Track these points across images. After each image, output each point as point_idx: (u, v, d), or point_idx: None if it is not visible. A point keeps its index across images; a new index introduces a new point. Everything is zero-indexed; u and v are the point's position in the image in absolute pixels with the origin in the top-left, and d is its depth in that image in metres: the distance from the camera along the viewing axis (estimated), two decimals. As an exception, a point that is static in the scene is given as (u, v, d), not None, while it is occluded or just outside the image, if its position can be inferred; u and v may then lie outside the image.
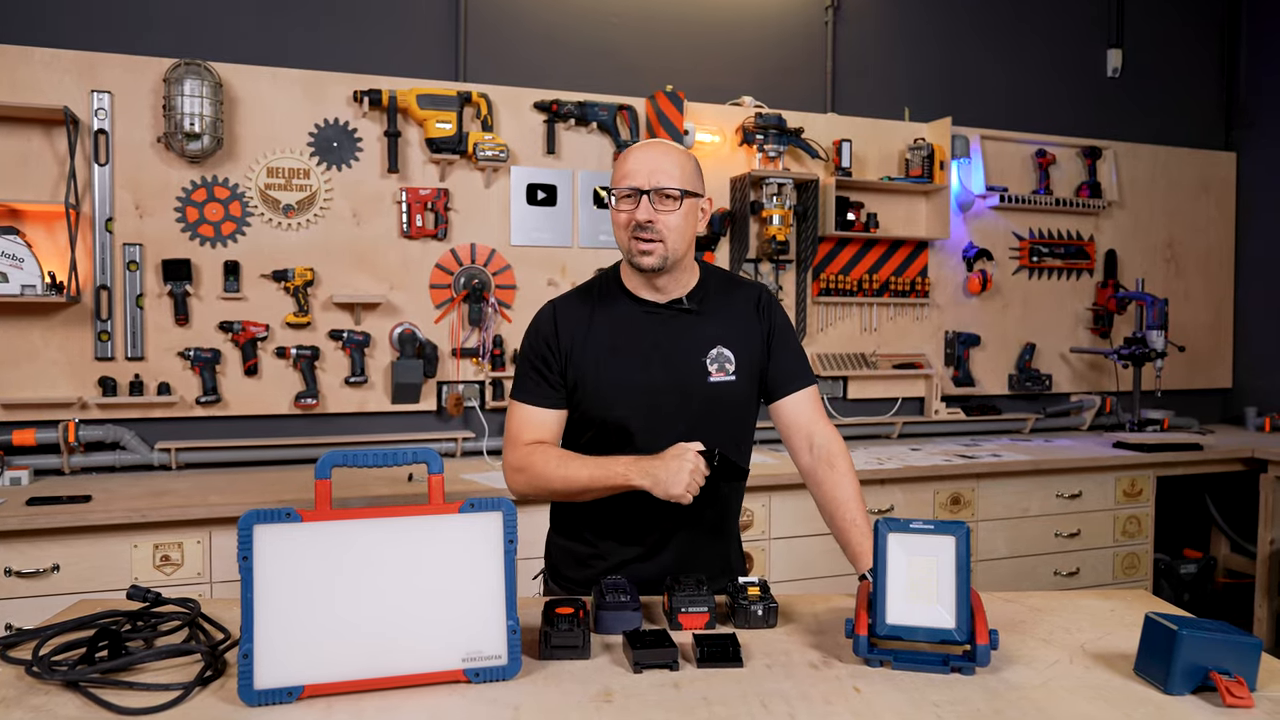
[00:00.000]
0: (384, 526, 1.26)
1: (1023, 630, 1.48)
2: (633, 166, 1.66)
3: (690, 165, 1.70)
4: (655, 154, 1.68)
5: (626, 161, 1.68)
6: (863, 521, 1.65)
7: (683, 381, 1.70)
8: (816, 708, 1.18)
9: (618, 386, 1.69)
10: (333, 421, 3.41)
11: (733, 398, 1.73)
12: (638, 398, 1.69)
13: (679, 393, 1.70)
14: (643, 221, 1.64)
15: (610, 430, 1.71)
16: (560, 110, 3.58)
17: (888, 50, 4.28)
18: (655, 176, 1.64)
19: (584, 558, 1.78)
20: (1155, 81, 4.77)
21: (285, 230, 3.31)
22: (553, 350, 1.72)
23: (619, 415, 1.69)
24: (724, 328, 1.74)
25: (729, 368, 1.72)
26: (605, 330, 1.72)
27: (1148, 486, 3.83)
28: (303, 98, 3.31)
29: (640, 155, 1.68)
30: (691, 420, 1.69)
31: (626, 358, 1.70)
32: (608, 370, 1.70)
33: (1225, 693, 1.19)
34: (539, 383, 1.73)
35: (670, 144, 1.73)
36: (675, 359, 1.71)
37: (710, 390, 1.71)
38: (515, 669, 1.27)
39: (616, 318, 1.73)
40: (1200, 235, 4.82)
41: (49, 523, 2.53)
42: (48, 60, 3.04)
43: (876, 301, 4.15)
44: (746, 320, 1.76)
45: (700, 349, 1.72)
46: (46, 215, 3.05)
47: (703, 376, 1.71)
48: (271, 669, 1.19)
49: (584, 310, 1.75)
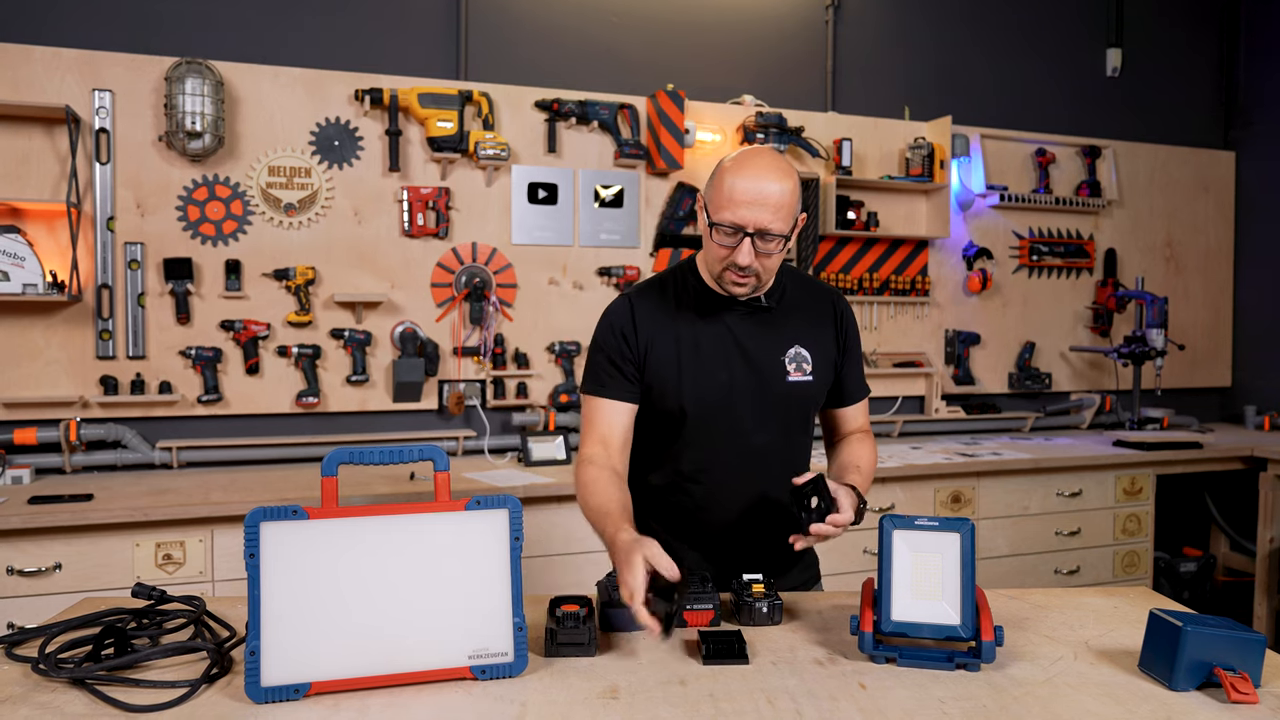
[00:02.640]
0: (390, 524, 1.26)
1: (1027, 627, 1.48)
2: (739, 198, 1.52)
3: (795, 194, 1.56)
4: (764, 187, 1.52)
5: (732, 188, 1.53)
6: (865, 470, 1.71)
7: (762, 380, 1.68)
8: (822, 704, 1.18)
9: (697, 383, 1.66)
10: (334, 420, 3.41)
11: (806, 398, 1.73)
12: (717, 395, 1.67)
13: (758, 391, 1.68)
14: (743, 265, 1.55)
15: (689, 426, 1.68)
16: (561, 109, 3.58)
17: (888, 49, 4.29)
18: (761, 217, 1.52)
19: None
20: (1154, 81, 4.78)
21: (286, 229, 3.31)
22: (629, 344, 1.67)
23: (698, 411, 1.67)
24: (801, 328, 1.73)
25: (806, 368, 1.70)
26: (686, 326, 1.69)
27: (1147, 485, 3.84)
28: (304, 96, 3.31)
29: (748, 186, 1.52)
30: (763, 419, 1.69)
31: (707, 353, 1.67)
32: (688, 365, 1.66)
33: (1230, 689, 1.19)
34: (614, 375, 1.68)
35: (779, 169, 1.55)
36: (756, 357, 1.68)
37: (788, 389, 1.69)
38: (521, 666, 1.27)
39: (696, 314, 1.69)
40: (1199, 234, 4.82)
41: (51, 521, 2.53)
42: (49, 59, 3.04)
43: (877, 300, 4.15)
44: (822, 323, 1.75)
45: (779, 348, 1.70)
46: (48, 214, 3.05)
47: (781, 375, 1.69)
48: (278, 666, 1.19)
49: (662, 305, 1.71)
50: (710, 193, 1.60)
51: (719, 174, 1.58)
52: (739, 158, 1.58)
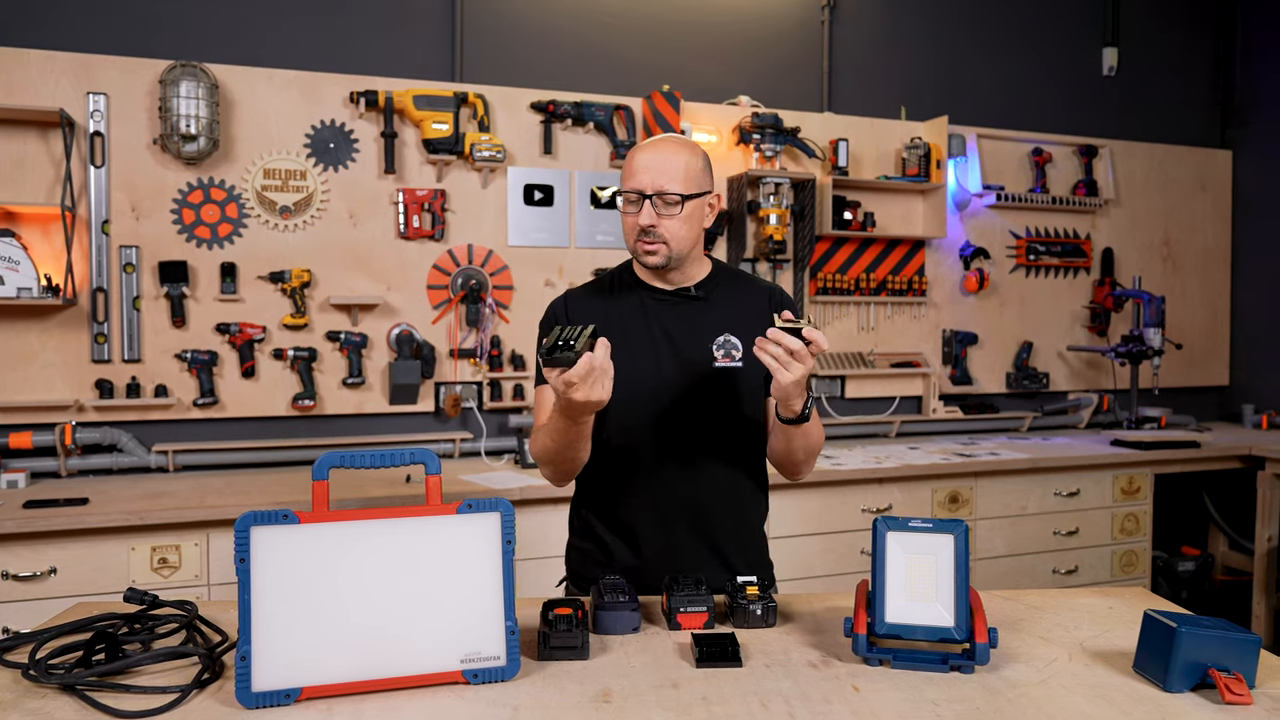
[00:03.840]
0: (382, 527, 1.25)
1: (1021, 628, 1.48)
2: (637, 167, 1.67)
3: (696, 164, 1.69)
4: (659, 155, 1.67)
5: (631, 161, 1.69)
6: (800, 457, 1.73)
7: (690, 366, 1.72)
8: (816, 707, 1.18)
9: (625, 371, 1.67)
10: (330, 423, 3.41)
11: (741, 385, 1.73)
12: (646, 382, 1.70)
13: (686, 377, 1.71)
14: (645, 226, 1.66)
15: (618, 413, 1.70)
16: (557, 110, 3.58)
17: (884, 49, 4.29)
18: (658, 180, 1.65)
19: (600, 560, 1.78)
20: (1151, 80, 4.78)
21: (282, 231, 3.30)
22: None
23: (626, 398, 1.68)
24: (733, 318, 1.75)
25: (736, 354, 1.73)
26: (616, 317, 1.75)
27: (1145, 484, 3.84)
28: (299, 99, 3.31)
29: (644, 157, 1.68)
30: (699, 405, 1.71)
31: (635, 343, 1.72)
32: (617, 354, 1.69)
33: (1224, 690, 1.18)
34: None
35: (677, 142, 1.72)
36: (683, 345, 1.73)
37: (715, 374, 1.72)
38: (514, 670, 1.26)
39: (627, 306, 1.76)
40: (1197, 233, 4.82)
41: (46, 525, 2.53)
42: (43, 62, 3.04)
43: (874, 300, 4.15)
44: (758, 316, 1.75)
45: (708, 336, 1.73)
46: (42, 217, 3.04)
47: (709, 361, 1.72)
48: (269, 671, 1.18)
49: (595, 299, 1.79)
50: (621, 177, 1.73)
51: (626, 158, 1.72)
52: (644, 141, 1.74)
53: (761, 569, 1.86)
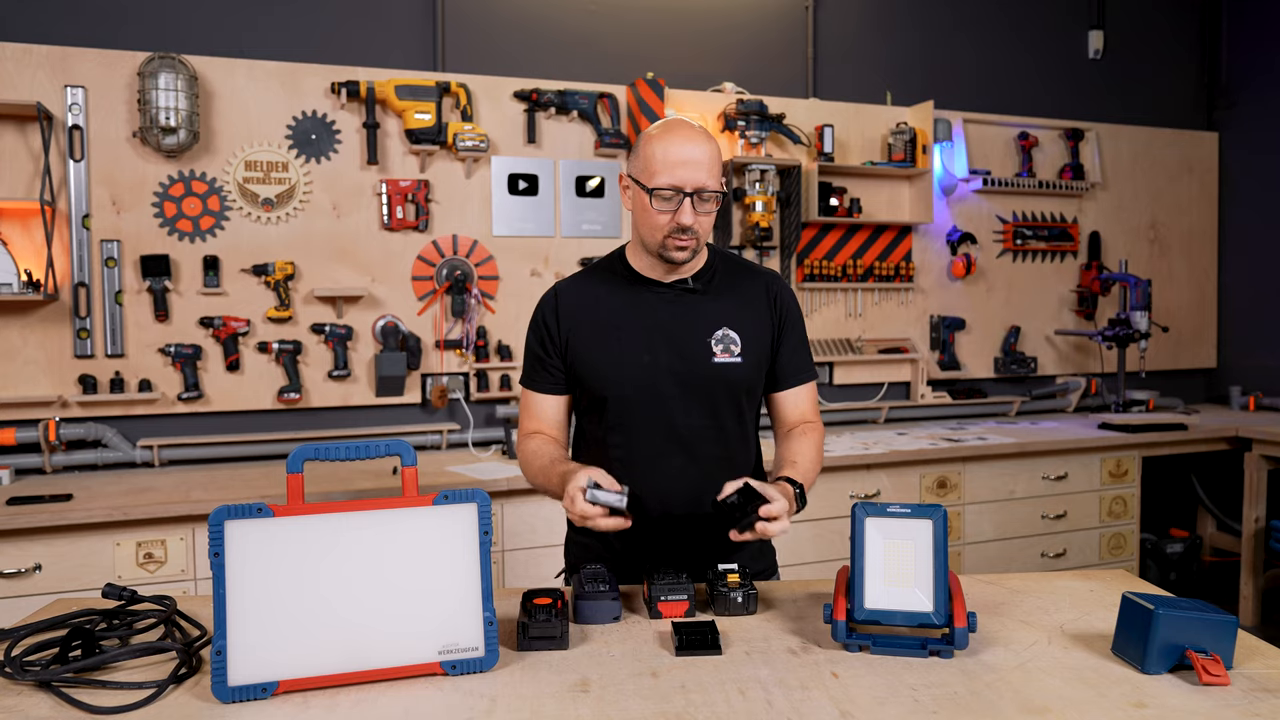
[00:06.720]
0: (357, 520, 1.25)
1: (1002, 612, 1.48)
2: (676, 158, 1.57)
3: (720, 155, 1.64)
4: (697, 149, 1.58)
5: (670, 151, 1.58)
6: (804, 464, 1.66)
7: (687, 362, 1.68)
8: (794, 694, 1.18)
9: (619, 366, 1.67)
10: (316, 416, 3.40)
11: (737, 380, 1.71)
12: (639, 377, 1.67)
13: (682, 373, 1.67)
14: (686, 225, 1.58)
15: (612, 409, 1.69)
16: (540, 99, 3.56)
17: (868, 34, 4.27)
18: (698, 175, 1.57)
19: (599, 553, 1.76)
20: (1137, 62, 4.77)
21: (264, 224, 3.28)
22: (551, 336, 1.72)
23: (620, 394, 1.68)
24: (731, 310, 1.71)
25: (734, 349, 1.69)
26: (608, 309, 1.70)
27: (1133, 467, 3.85)
28: (280, 90, 3.28)
29: (682, 150, 1.58)
30: (688, 402, 1.68)
31: (629, 337, 1.68)
32: (609, 349, 1.68)
33: (1201, 671, 1.19)
34: (538, 369, 1.74)
35: (702, 132, 1.62)
36: (680, 339, 1.68)
37: (714, 371, 1.68)
38: (492, 660, 1.26)
39: (620, 297, 1.71)
40: (1183, 215, 4.83)
41: (30, 522, 2.51)
42: (19, 55, 3.01)
43: (861, 287, 4.14)
44: (756, 306, 1.74)
45: (706, 330, 1.69)
46: (22, 212, 3.02)
47: (707, 357, 1.68)
48: (245, 665, 1.18)
49: (587, 291, 1.74)
50: (639, 165, 1.63)
51: (647, 145, 1.62)
52: (663, 127, 1.63)
53: (764, 560, 1.84)
